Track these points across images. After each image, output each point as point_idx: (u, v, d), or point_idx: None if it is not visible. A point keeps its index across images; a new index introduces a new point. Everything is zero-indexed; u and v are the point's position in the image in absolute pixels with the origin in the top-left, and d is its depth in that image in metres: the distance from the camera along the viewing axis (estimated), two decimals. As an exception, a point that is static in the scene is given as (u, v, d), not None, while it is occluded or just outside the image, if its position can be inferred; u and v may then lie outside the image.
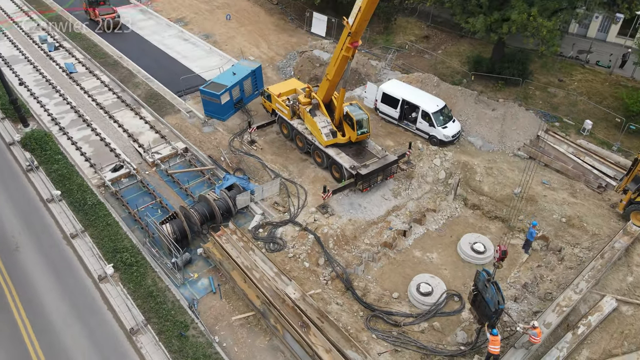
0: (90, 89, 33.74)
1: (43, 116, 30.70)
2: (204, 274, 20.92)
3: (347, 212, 23.52)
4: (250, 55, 38.15)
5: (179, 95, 32.94)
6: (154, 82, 34.32)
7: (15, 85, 33.82)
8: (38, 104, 31.91)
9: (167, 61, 37.51)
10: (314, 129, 25.33)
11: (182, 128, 29.68)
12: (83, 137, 28.84)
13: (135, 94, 32.98)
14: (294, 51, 38.72)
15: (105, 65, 36.42)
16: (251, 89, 32.07)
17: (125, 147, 28.15)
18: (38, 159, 26.63)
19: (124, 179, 26.00)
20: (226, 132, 29.47)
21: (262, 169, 26.37)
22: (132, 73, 35.36)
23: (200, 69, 36.10)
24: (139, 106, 31.96)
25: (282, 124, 28.32)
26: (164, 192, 25.28)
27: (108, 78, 35.05)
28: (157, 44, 40.15)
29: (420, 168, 26.01)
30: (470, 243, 21.89)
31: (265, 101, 29.23)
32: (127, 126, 29.84)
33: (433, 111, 27.31)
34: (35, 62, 36.77)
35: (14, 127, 29.62)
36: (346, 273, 20.83)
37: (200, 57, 37.94)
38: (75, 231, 22.11)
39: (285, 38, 41.27)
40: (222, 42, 40.62)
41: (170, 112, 31.11)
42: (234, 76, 30.63)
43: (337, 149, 24.87)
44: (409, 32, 41.84)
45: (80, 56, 37.98)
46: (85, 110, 31.36)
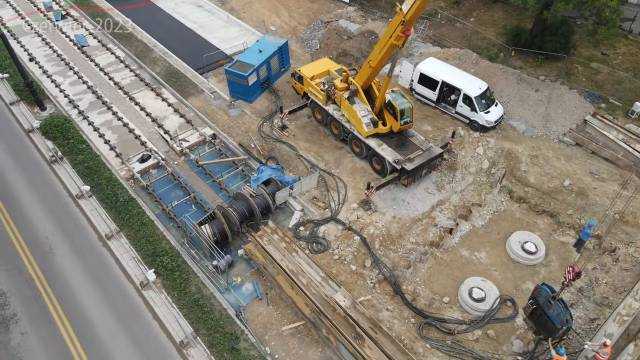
0: (105, 65, 31.85)
1: (60, 98, 29.09)
2: (247, 277, 20.28)
3: (390, 208, 22.60)
4: (272, 25, 35.82)
5: (201, 73, 31.13)
6: (172, 57, 32.35)
7: (26, 61, 31.88)
8: (52, 83, 30.17)
9: (184, 32, 35.26)
10: (353, 118, 23.91)
11: (208, 111, 28.16)
12: (105, 122, 27.40)
13: (154, 71, 31.14)
14: (318, 20, 36.33)
15: (118, 37, 34.25)
16: (278, 66, 30.23)
17: (151, 134, 26.80)
18: (61, 149, 25.37)
19: (153, 170, 24.88)
20: (254, 115, 27.99)
21: (295, 158, 25.18)
22: (148, 47, 33.29)
23: (220, 41, 33.98)
24: (159, 86, 30.24)
25: (315, 109, 26.81)
26: (196, 184, 24.23)
27: (123, 53, 33.03)
28: (171, 11, 37.65)
29: (463, 157, 24.82)
30: (520, 242, 21.12)
31: (296, 83, 27.52)
32: (149, 109, 28.31)
33: (475, 95, 25.75)
34: (43, 34, 34.56)
35: (31, 110, 28.10)
36: (394, 276, 20.21)
37: (218, 28, 35.65)
38: (110, 232, 21.27)
39: (306, 4, 38.66)
40: (239, 9, 38.09)
41: (194, 93, 29.45)
42: (260, 54, 28.73)
43: (378, 140, 23.58)
44: (438, -4, 39.14)
45: (89, 26, 35.68)
46: (104, 91, 29.68)
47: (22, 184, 23.63)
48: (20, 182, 23.71)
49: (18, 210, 22.40)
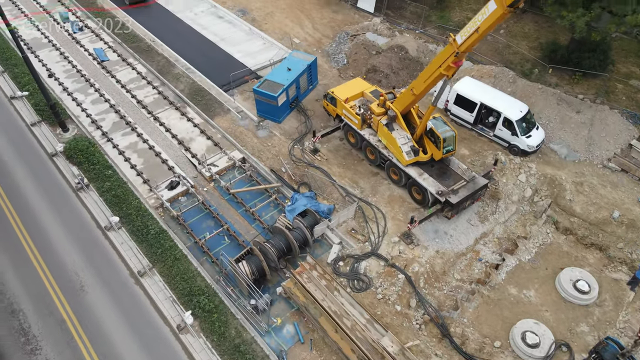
0: (126, 81, 30.86)
1: (82, 117, 28.15)
2: (288, 318, 19.42)
3: (432, 241, 21.66)
4: (295, 38, 34.73)
5: (226, 90, 30.13)
6: (196, 73, 31.33)
7: (45, 77, 30.92)
8: (74, 101, 29.23)
9: (205, 45, 34.20)
10: (392, 145, 22.91)
11: (235, 132, 27.19)
12: (130, 145, 26.47)
13: (177, 88, 30.14)
14: (343, 32, 35.20)
15: (138, 51, 33.23)
16: (306, 84, 29.23)
17: (178, 158, 25.87)
18: (87, 175, 24.47)
19: (182, 198, 23.97)
20: (284, 136, 27.02)
21: (329, 184, 24.22)
22: (170, 62, 32.27)
23: (243, 55, 32.94)
24: (184, 104, 29.25)
25: (348, 132, 25.81)
26: (228, 213, 23.32)
27: (144, 68, 32.02)
28: (191, 22, 36.56)
29: (505, 185, 23.83)
30: (571, 280, 20.17)
31: (328, 104, 26.48)
32: (175, 130, 27.35)
33: (516, 118, 24.70)
34: (60, 47, 33.58)
35: (53, 131, 27.18)
36: (441, 317, 19.31)
37: (240, 40, 34.57)
38: (142, 268, 20.40)
39: (329, 14, 37.52)
40: (260, 19, 36.98)
41: (220, 113, 28.46)
42: (289, 72, 27.71)
43: (418, 169, 22.59)
44: (465, 5, 37.92)
45: (108, 39, 34.66)
46: (127, 110, 28.72)
47: (48, 214, 22.78)
48: (46, 212, 22.85)
49: (46, 242, 21.56)
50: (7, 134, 26.98)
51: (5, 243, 21.51)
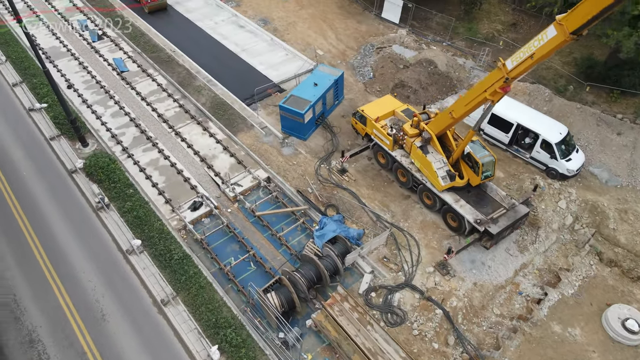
0: (147, 94, 30.05)
1: (102, 131, 27.36)
2: (318, 354, 18.41)
3: (469, 272, 20.54)
4: (319, 49, 33.73)
5: (248, 104, 29.20)
6: (217, 85, 30.44)
7: (63, 88, 30.20)
8: (93, 114, 28.45)
9: (226, 56, 33.31)
10: (426, 169, 21.83)
11: (260, 150, 26.24)
12: (151, 162, 25.61)
13: (199, 102, 29.26)
14: (368, 44, 34.16)
15: (158, 62, 32.41)
16: (332, 99, 28.22)
17: (200, 176, 24.96)
18: (107, 193, 23.64)
19: (205, 219, 23.06)
20: (309, 154, 26.03)
21: (358, 207, 23.19)
22: (191, 73, 31.40)
23: (266, 67, 32.02)
24: (206, 119, 28.36)
25: (378, 152, 24.76)
26: (253, 237, 22.36)
27: (165, 80, 31.19)
28: (211, 32, 35.70)
29: (544, 212, 22.64)
30: (620, 319, 18.96)
31: (357, 123, 25.44)
32: (197, 146, 26.46)
33: (556, 141, 23.53)
34: (79, 57, 32.86)
35: (72, 146, 26.41)
36: (481, 356, 18.19)
37: (262, 51, 33.64)
38: (166, 296, 19.49)
39: (353, 25, 36.49)
40: (282, 29, 36.03)
41: (243, 128, 27.53)
42: (315, 88, 26.72)
43: (454, 194, 21.49)
44: (493, 17, 36.74)
45: (128, 48, 33.89)
46: (147, 124, 27.89)
47: (68, 235, 21.95)
48: (66, 232, 22.03)
49: (66, 266, 20.72)
50: (26, 148, 26.25)
51: (25, 267, 20.72)
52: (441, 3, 37.59)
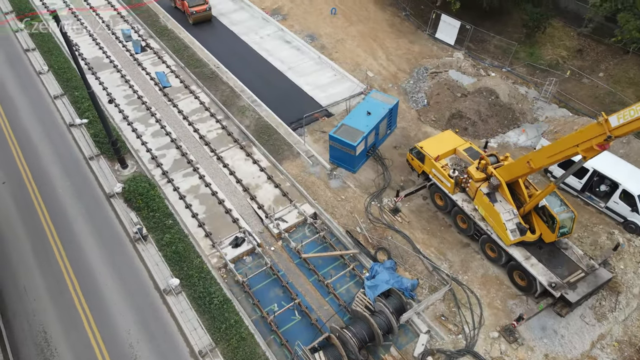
0: (189, 112, 28.80)
1: (142, 152, 26.20)
2: None
3: (539, 341, 18.33)
4: (369, 70, 31.90)
5: (294, 129, 27.61)
6: (262, 106, 28.95)
7: (104, 102, 29.25)
8: (134, 132, 27.35)
9: (272, 74, 31.82)
10: (492, 219, 19.72)
11: (306, 181, 24.58)
12: (191, 189, 24.27)
13: (242, 124, 27.82)
14: (421, 67, 32.13)
15: (201, 77, 31.15)
16: (385, 129, 26.35)
17: (242, 208, 23.46)
18: (146, 223, 22.37)
19: (247, 257, 21.53)
20: (359, 189, 24.23)
21: (412, 253, 21.25)
22: (235, 92, 30.01)
23: (313, 88, 30.40)
24: (249, 143, 26.89)
25: (436, 193, 22.75)
26: (297, 281, 20.70)
27: (208, 98, 29.89)
28: (256, 47, 34.29)
29: (623, 274, 20.22)
30: None
31: (414, 159, 23.49)
32: (240, 174, 24.99)
33: (639, 193, 21.05)
34: (122, 69, 31.93)
35: (111, 167, 25.32)
36: None
37: (309, 70, 32.02)
38: (204, 347, 17.97)
39: (405, 45, 34.51)
40: (330, 47, 34.34)
41: (289, 156, 25.92)
42: (368, 117, 24.92)
43: (524, 250, 19.33)
44: (557, 42, 34.21)
45: (171, 62, 32.80)
46: (188, 146, 26.61)
47: (103, 266, 20.77)
48: (101, 263, 20.86)
49: (99, 302, 19.51)
50: (64, 166, 25.31)
51: (56, 296, 19.63)
52: (500, 24, 35.34)
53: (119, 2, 38.57)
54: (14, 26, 35.55)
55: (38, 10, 38.08)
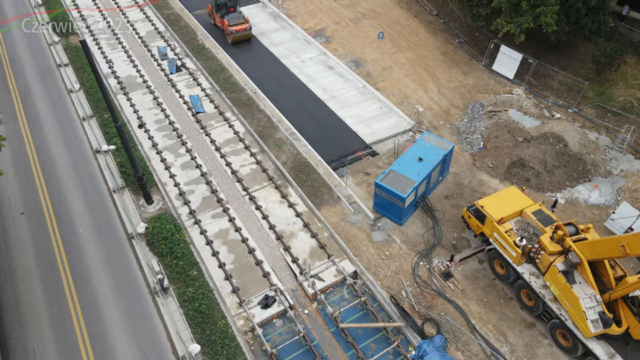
0: (222, 142, 26.72)
1: (169, 186, 24.23)
2: None
3: None
4: (418, 104, 29.19)
5: (335, 168, 25.14)
6: (300, 140, 26.61)
7: (134, 126, 27.53)
8: (162, 163, 25.44)
9: (312, 104, 29.50)
10: (570, 303, 16.68)
11: (346, 232, 22.02)
12: (220, 233, 22.06)
13: (279, 159, 25.53)
14: (477, 103, 29.22)
15: (237, 103, 29.09)
16: (437, 176, 23.58)
17: (275, 260, 21.07)
18: (167, 271, 20.25)
19: (277, 320, 19.08)
20: (405, 244, 21.52)
21: (466, 329, 18.37)
22: (272, 122, 27.79)
23: (356, 122, 27.93)
24: (286, 182, 24.55)
25: (496, 259, 19.82)
26: (333, 354, 18.12)
27: (243, 127, 27.77)
28: (297, 71, 32.08)
29: None
30: None
31: (471, 217, 20.64)
32: (273, 218, 22.65)
33: None
34: (155, 90, 30.21)
35: (136, 202, 23.41)
36: None
37: (353, 101, 29.55)
38: None
39: (458, 76, 31.64)
40: (376, 75, 31.80)
41: (328, 200, 23.44)
42: (420, 164, 22.20)
43: (606, 345, 16.24)
44: (631, 81, 30.65)
45: (206, 84, 30.91)
46: (219, 182, 24.48)
47: (117, 317, 18.75)
48: (115, 314, 18.84)
49: None
50: (87, 198, 23.54)
51: (63, 349, 17.58)
52: (565, 58, 32.07)
53: (154, 12, 37.15)
54: (40, 19, 35.25)
55: (67, 8, 38.26)
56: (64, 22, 35.15)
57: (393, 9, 38.50)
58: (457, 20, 36.57)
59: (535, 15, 27.30)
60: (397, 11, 38.30)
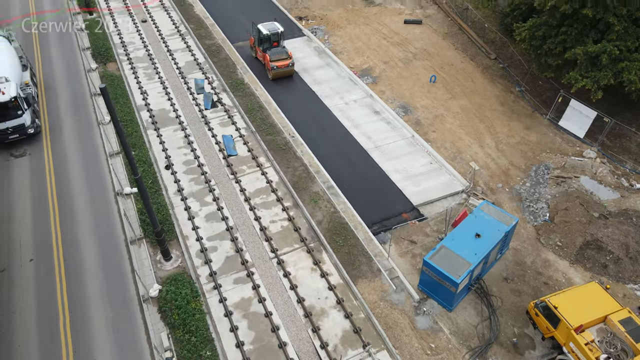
0: (252, 192, 24.32)
1: (191, 239, 21.92)
2: None
3: None
4: (473, 161, 26.01)
5: (376, 232, 22.21)
6: (339, 197, 23.87)
7: (161, 167, 25.59)
8: (186, 212, 23.20)
9: (355, 153, 26.83)
10: None
11: (386, 316, 18.93)
12: (241, 303, 19.41)
13: (314, 217, 22.83)
14: (541, 164, 25.78)
15: (273, 147, 26.76)
16: (496, 254, 20.24)
17: (301, 342, 18.17)
18: (178, 348, 17.69)
19: (298, 423, 16.08)
20: (455, 336, 18.22)
21: None
22: (309, 172, 25.22)
23: (403, 178, 25.05)
24: (319, 245, 21.77)
25: (570, 373, 16.22)
26: None
27: (276, 176, 25.31)
28: (339, 114, 29.59)
29: None
30: None
31: (539, 315, 17.19)
32: (303, 290, 19.86)
33: None
34: (187, 127, 28.33)
35: (153, 256, 21.17)
36: None
37: (400, 152, 26.71)
38: None
39: (519, 131, 28.31)
40: (427, 123, 28.90)
41: (366, 273, 20.46)
42: (477, 241, 19.01)
43: None
44: None
45: (241, 123, 28.81)
46: (246, 239, 21.97)
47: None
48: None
49: None
50: (101, 248, 21.48)
51: None
52: (644, 116, 28.26)
53: (195, 43, 35.71)
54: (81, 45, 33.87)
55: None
56: (104, 48, 34.22)
57: (447, 50, 35.72)
58: (518, 65, 33.38)
59: (616, 71, 23.88)
60: (451, 52, 35.48)
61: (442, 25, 38.61)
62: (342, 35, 37.90)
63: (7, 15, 38.99)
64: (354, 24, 39.19)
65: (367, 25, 38.98)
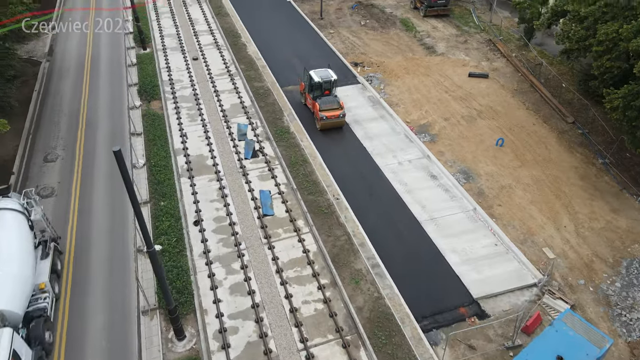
0: (286, 263, 21.31)
1: (210, 315, 19.04)
2: None
3: None
4: (548, 247, 21.91)
5: (426, 329, 18.48)
6: (385, 279, 20.39)
7: (189, 221, 23.21)
8: (209, 279, 20.45)
9: (407, 225, 23.41)
10: None
11: None
12: (257, 408, 16.09)
13: (353, 302, 19.42)
14: (634, 260, 21.33)
15: (313, 210, 23.81)
16: (580, 383, 15.94)
17: None
18: None
19: None
20: None
21: None
22: (352, 244, 21.97)
23: (462, 262, 21.33)
24: (357, 339, 18.25)
25: None
26: None
27: (315, 244, 22.24)
28: (391, 176, 26.43)
29: None
30: None
31: None
32: (333, 399, 16.29)
33: None
34: (223, 177, 26.00)
35: (165, 333, 18.40)
36: None
37: (459, 228, 23.05)
38: None
39: (604, 212, 24.00)
40: (492, 194, 25.15)
41: (412, 384, 16.69)
42: (560, 367, 14.86)
43: None
44: None
45: (281, 177, 26.19)
46: (272, 322, 18.81)
47: None
48: None
49: None
50: (110, 315, 19.01)
51: None
52: None
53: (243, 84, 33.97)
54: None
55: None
56: (150, 85, 33.12)
57: (516, 109, 32.07)
58: (600, 132, 29.22)
59: None
60: (521, 112, 31.78)
61: (511, 81, 35.12)
62: (399, 86, 35.14)
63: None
64: (412, 74, 36.42)
65: (428, 76, 36.09)
